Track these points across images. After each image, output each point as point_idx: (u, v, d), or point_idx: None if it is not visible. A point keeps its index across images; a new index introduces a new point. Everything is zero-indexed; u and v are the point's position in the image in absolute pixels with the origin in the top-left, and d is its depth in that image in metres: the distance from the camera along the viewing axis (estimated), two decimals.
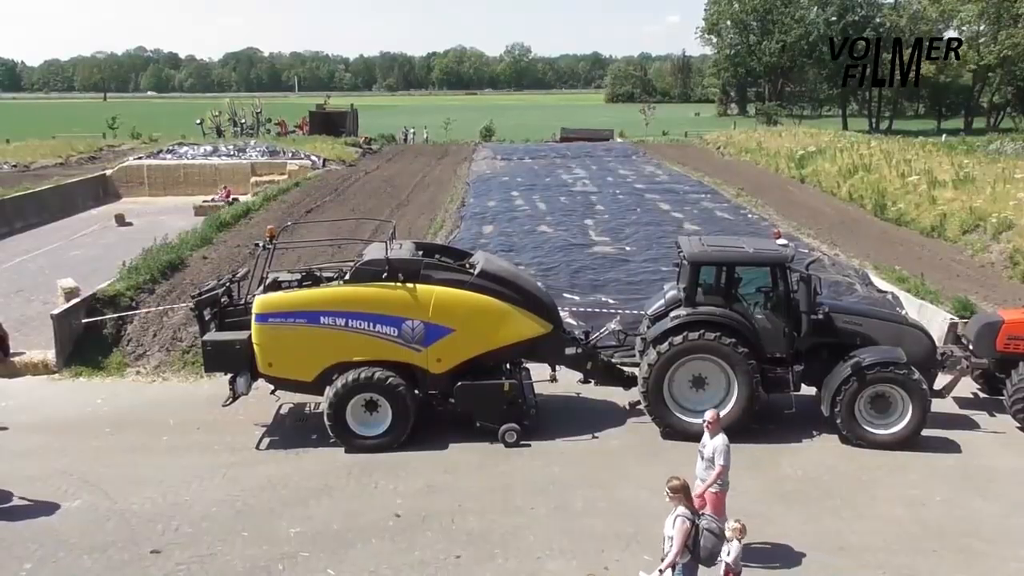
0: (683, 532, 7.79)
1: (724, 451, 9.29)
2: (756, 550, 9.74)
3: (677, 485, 8.03)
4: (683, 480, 8.16)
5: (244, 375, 12.83)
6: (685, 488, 8.09)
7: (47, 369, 15.90)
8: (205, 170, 42.13)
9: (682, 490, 8.03)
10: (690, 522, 7.86)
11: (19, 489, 11.33)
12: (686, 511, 7.92)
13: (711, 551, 7.94)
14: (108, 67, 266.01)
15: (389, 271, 12.41)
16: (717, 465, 9.28)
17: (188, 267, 20.52)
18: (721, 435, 9.44)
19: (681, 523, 7.83)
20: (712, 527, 8.00)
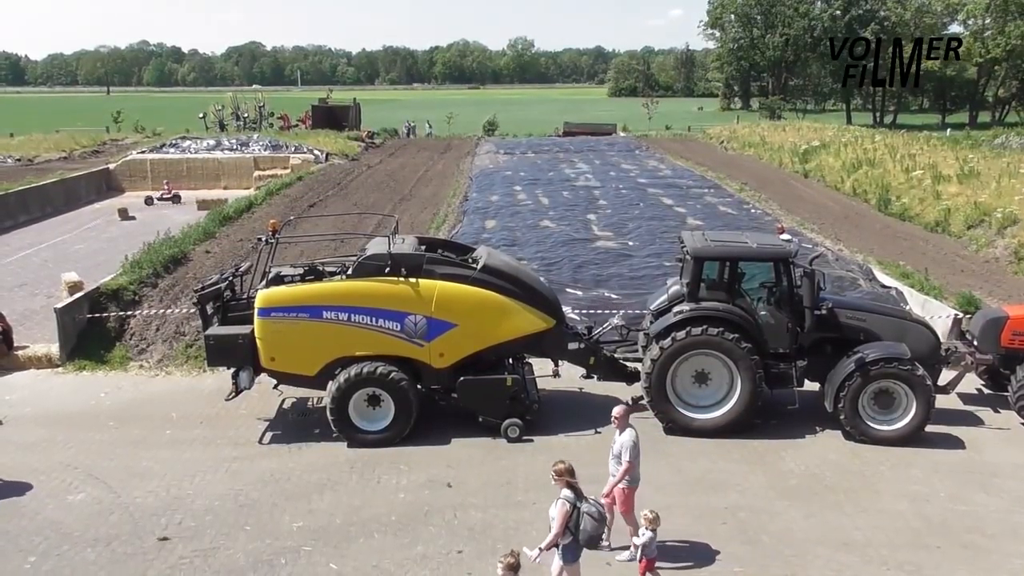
0: (563, 514, 7.96)
1: (630, 447, 9.35)
2: (759, 545, 9.75)
3: (561, 468, 8.22)
4: (568, 464, 8.30)
5: (247, 369, 12.84)
6: (569, 471, 8.22)
7: (51, 363, 15.92)
8: (208, 164, 42.15)
9: (566, 473, 8.18)
10: (571, 505, 8.01)
11: (13, 486, 11.35)
12: (569, 494, 8.06)
13: (591, 534, 8.04)
14: (111, 61, 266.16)
15: (392, 266, 12.40)
16: (624, 462, 9.33)
17: (191, 261, 20.54)
18: (629, 431, 9.48)
19: (561, 505, 8.00)
20: (592, 511, 8.07)
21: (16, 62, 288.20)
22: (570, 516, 7.98)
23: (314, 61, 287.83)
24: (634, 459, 9.37)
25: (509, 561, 7.39)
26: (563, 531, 7.95)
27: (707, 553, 9.65)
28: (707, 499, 10.88)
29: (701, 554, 9.63)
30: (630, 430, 9.50)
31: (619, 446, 9.43)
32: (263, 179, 38.97)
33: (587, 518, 8.00)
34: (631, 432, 9.48)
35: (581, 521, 7.99)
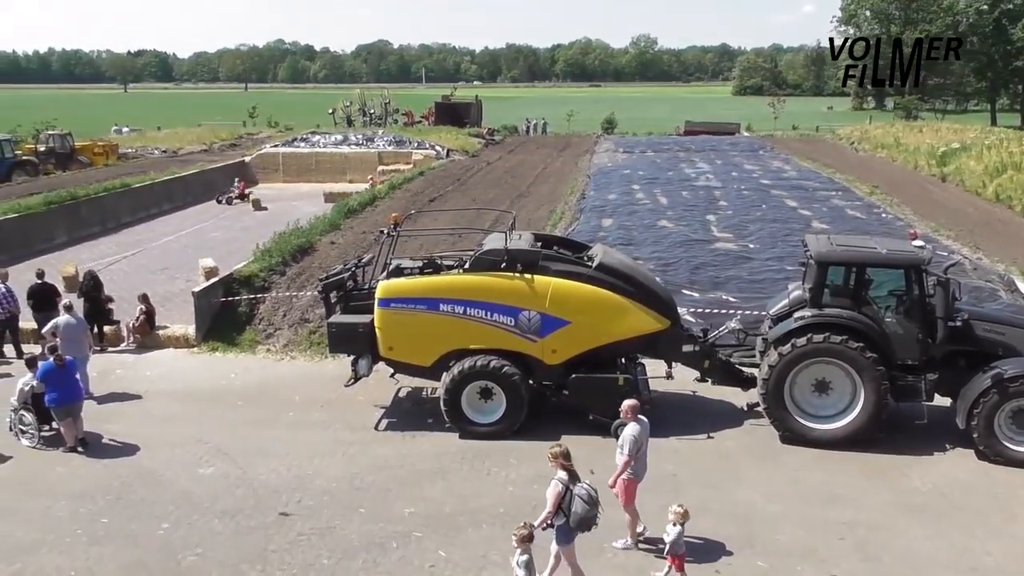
0: (554, 495, 8.28)
1: (630, 440, 9.42)
2: (878, 564, 9.33)
3: (557, 451, 8.57)
4: (564, 447, 8.66)
5: (366, 357, 13.27)
6: (564, 454, 8.53)
7: (187, 343, 16.95)
8: (335, 158, 43.79)
9: (560, 456, 8.50)
10: (563, 486, 8.28)
11: (160, 453, 12.18)
12: (563, 475, 8.35)
13: (582, 516, 8.24)
14: (250, 59, 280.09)
15: (507, 261, 12.53)
16: (624, 454, 9.44)
17: (317, 251, 21.38)
18: (632, 424, 9.53)
19: (553, 486, 8.33)
20: (583, 493, 8.28)
21: (165, 60, 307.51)
22: (562, 497, 8.26)
23: (438, 59, 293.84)
24: (633, 453, 9.44)
25: (523, 533, 7.89)
26: (555, 511, 8.26)
27: (821, 568, 9.30)
28: (823, 512, 10.49)
29: (816, 568, 9.30)
30: (634, 424, 9.55)
31: (621, 438, 9.57)
32: (386, 173, 40.11)
33: (578, 500, 8.25)
34: (635, 426, 9.53)
35: (573, 503, 8.24)
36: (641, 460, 9.62)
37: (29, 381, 12.72)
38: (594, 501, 8.36)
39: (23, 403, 12.72)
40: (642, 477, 9.68)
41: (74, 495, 11.03)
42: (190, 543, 9.86)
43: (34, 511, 10.64)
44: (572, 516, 8.26)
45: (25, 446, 12.62)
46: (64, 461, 12.07)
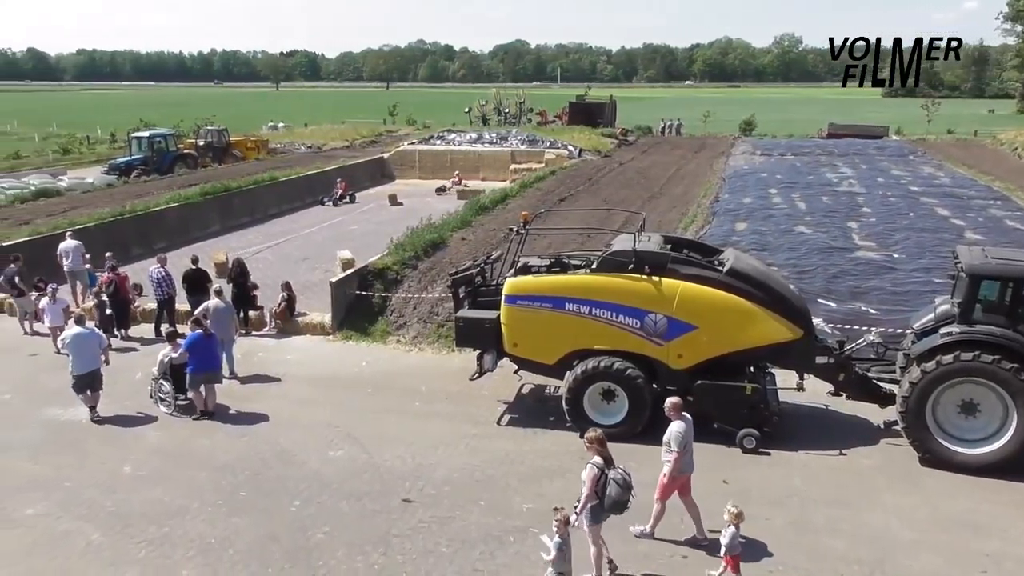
0: (592, 478, 8.63)
1: (677, 437, 9.52)
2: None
3: (593, 437, 8.92)
4: (600, 433, 9.03)
5: (491, 352, 13.48)
6: (600, 440, 8.88)
7: (323, 330, 17.73)
8: (469, 156, 44.63)
9: (597, 441, 8.85)
10: (599, 470, 8.65)
11: (295, 434, 12.82)
12: (598, 459, 8.72)
13: (615, 500, 8.63)
14: (392, 59, 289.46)
15: (636, 263, 12.41)
16: (672, 451, 9.53)
17: (448, 247, 21.87)
18: (678, 421, 9.62)
19: (590, 470, 8.67)
20: (618, 478, 8.67)
21: (314, 60, 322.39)
22: (599, 480, 8.64)
23: (574, 59, 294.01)
24: (680, 449, 9.54)
25: (565, 515, 8.32)
26: (592, 494, 8.61)
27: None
28: (965, 541, 9.83)
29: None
30: (679, 422, 9.64)
31: (667, 435, 9.67)
32: (518, 172, 40.54)
33: (613, 484, 8.64)
34: (679, 423, 9.62)
35: (608, 486, 8.63)
36: (687, 457, 9.71)
37: (169, 353, 13.91)
38: (627, 486, 8.74)
39: (163, 373, 13.97)
40: (688, 473, 9.77)
41: (217, 467, 11.78)
42: (319, 521, 10.33)
43: (181, 480, 11.43)
44: (606, 499, 8.66)
45: (163, 412, 13.77)
46: (209, 435, 12.91)
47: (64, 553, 9.72)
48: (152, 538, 10.00)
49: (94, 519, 10.45)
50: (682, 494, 9.87)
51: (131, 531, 10.16)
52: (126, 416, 13.70)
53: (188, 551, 9.73)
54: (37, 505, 10.80)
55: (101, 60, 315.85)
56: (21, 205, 29.57)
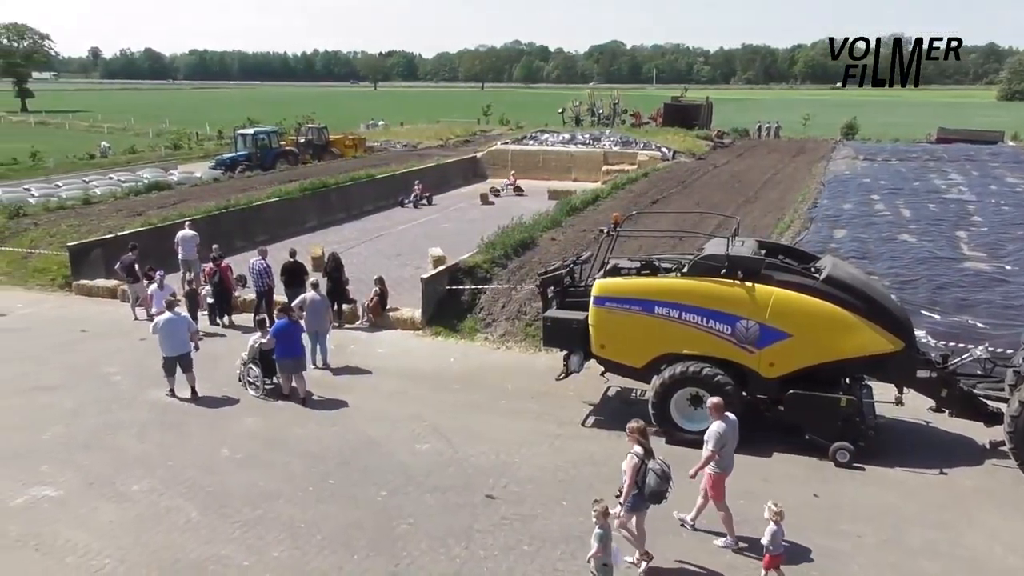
0: (631, 467, 8.93)
1: (714, 437, 9.69)
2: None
3: (635, 427, 9.12)
4: (642, 424, 9.18)
5: (578, 353, 13.44)
6: (641, 430, 9.10)
7: (413, 325, 18.06)
8: (561, 157, 44.63)
9: (638, 431, 9.07)
10: (638, 459, 8.92)
11: (383, 426, 13.10)
12: (639, 449, 8.98)
13: (654, 489, 8.87)
14: (487, 59, 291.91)
15: (728, 267, 12.18)
16: (707, 449, 9.69)
17: (538, 247, 21.94)
18: (718, 421, 9.78)
19: (631, 459, 8.97)
20: (657, 468, 8.92)
21: (411, 60, 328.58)
22: (638, 470, 8.91)
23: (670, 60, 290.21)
24: (717, 448, 9.66)
25: (605, 506, 8.44)
26: (633, 483, 8.89)
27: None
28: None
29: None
30: (719, 421, 9.79)
31: (707, 434, 9.82)
32: (610, 173, 40.31)
33: (652, 474, 8.89)
34: (720, 423, 9.78)
35: (647, 476, 8.88)
36: (728, 456, 9.84)
37: (258, 339, 14.55)
38: (666, 476, 8.96)
39: (252, 358, 14.64)
40: (728, 472, 9.88)
41: (308, 455, 12.16)
42: (404, 512, 10.53)
43: (275, 465, 11.85)
44: (645, 488, 8.92)
45: (251, 395, 14.42)
46: (302, 423, 13.34)
47: (166, 528, 10.22)
48: (246, 519, 10.40)
49: (193, 497, 10.94)
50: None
51: (227, 511, 10.60)
52: (224, 400, 14.30)
53: (279, 534, 10.08)
54: (142, 481, 11.38)
55: (211, 60, 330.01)
56: (135, 197, 31.19)
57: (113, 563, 9.48)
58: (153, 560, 9.53)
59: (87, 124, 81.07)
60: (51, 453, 12.28)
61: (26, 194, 32.50)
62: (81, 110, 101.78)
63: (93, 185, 35.28)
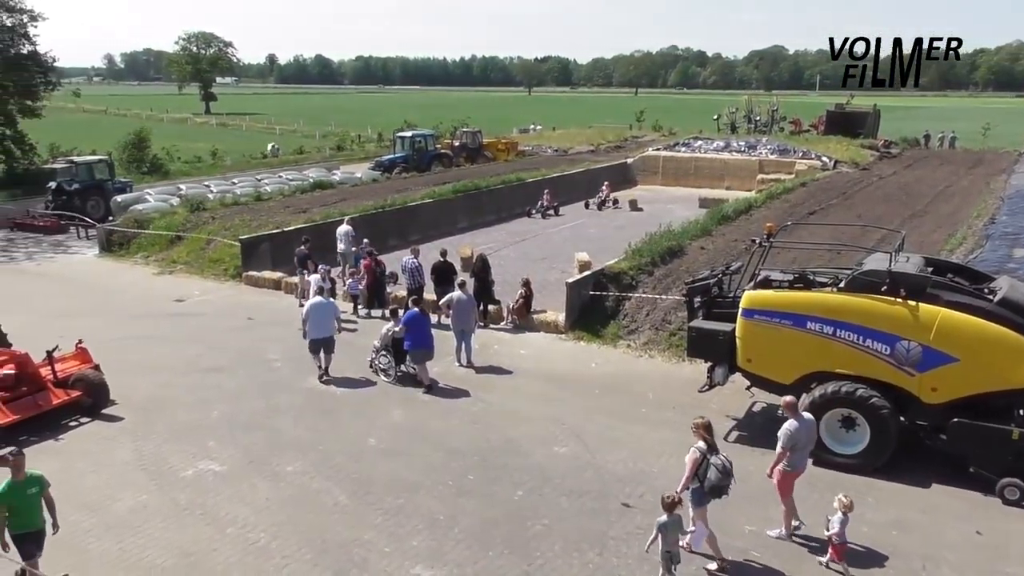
0: (691, 461, 9.21)
1: (785, 435, 9.78)
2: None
3: (699, 423, 9.40)
4: (707, 420, 9.48)
5: (723, 366, 13.12)
6: (706, 426, 9.36)
7: (557, 328, 18.18)
8: (715, 164, 43.59)
9: (703, 427, 9.33)
10: (700, 454, 9.17)
11: (522, 426, 13.29)
12: (701, 444, 9.22)
13: (715, 483, 9.09)
14: (642, 64, 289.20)
15: (890, 284, 11.52)
16: (779, 447, 9.79)
17: (686, 255, 21.55)
18: (790, 420, 9.87)
19: (692, 453, 9.25)
20: (718, 464, 9.11)
21: (566, 65, 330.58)
22: (699, 464, 9.14)
23: (836, 65, 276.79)
24: (788, 446, 9.75)
25: (672, 497, 8.87)
26: (692, 476, 9.16)
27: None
28: None
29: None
30: (792, 420, 9.85)
31: (780, 432, 9.88)
32: (765, 182, 39.01)
33: (713, 469, 9.10)
34: (792, 422, 9.84)
35: (708, 471, 9.09)
36: (800, 455, 9.92)
37: (391, 328, 15.38)
38: (727, 472, 9.15)
39: (384, 346, 15.47)
40: (799, 471, 9.97)
41: (449, 449, 12.50)
42: (539, 513, 10.64)
43: (417, 457, 12.27)
44: (706, 482, 9.13)
45: (383, 381, 15.29)
46: (444, 419, 13.73)
47: (315, 509, 10.80)
48: (388, 507, 10.82)
49: (341, 482, 11.50)
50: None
51: (371, 498, 11.07)
52: (374, 393, 14.95)
53: (419, 524, 10.42)
54: (296, 463, 12.08)
55: (375, 65, 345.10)
56: (301, 195, 33.11)
57: (267, 538, 10.12)
58: (303, 538, 10.09)
59: (262, 126, 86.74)
60: (217, 430, 13.26)
61: (206, 190, 35.15)
62: (257, 112, 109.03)
63: (264, 183, 37.72)
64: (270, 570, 9.47)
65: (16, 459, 8.52)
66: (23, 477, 8.58)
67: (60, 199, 32.55)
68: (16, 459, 8.52)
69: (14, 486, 8.50)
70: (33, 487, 8.65)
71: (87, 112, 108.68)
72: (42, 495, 8.77)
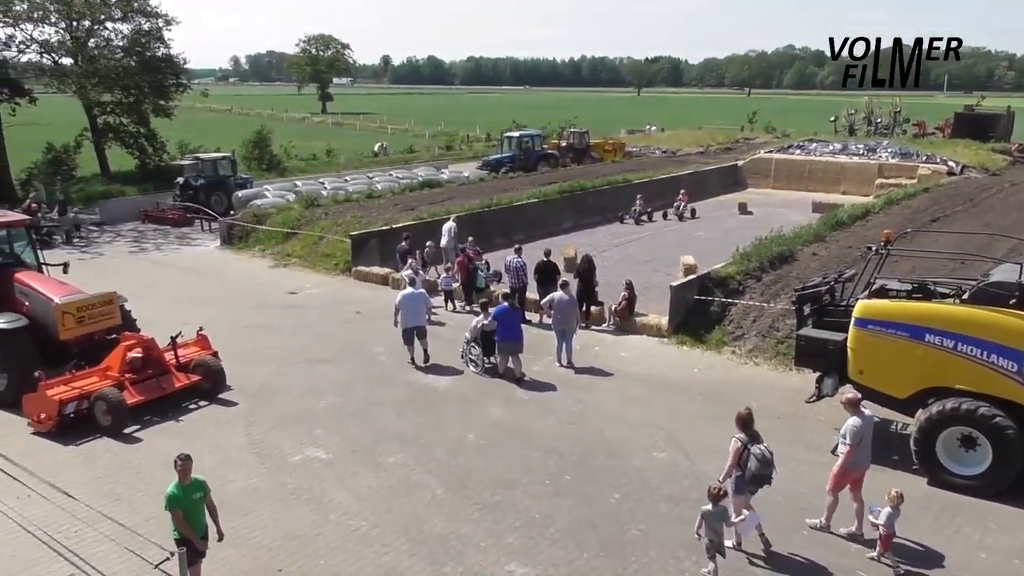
0: (733, 451, 9.47)
1: (852, 431, 9.82)
2: None
3: (740, 416, 9.65)
4: (748, 412, 9.69)
5: (832, 376, 12.64)
6: (743, 420, 9.61)
7: (659, 332, 17.95)
8: (830, 167, 42.02)
9: (741, 420, 9.61)
10: (741, 444, 9.43)
11: (621, 429, 13.19)
12: (742, 435, 9.49)
13: (755, 473, 9.35)
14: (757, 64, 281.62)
15: (1019, 297, 10.83)
16: (846, 444, 9.84)
17: (796, 261, 20.88)
18: (855, 416, 9.88)
19: (733, 443, 9.51)
20: (759, 453, 9.35)
21: (677, 65, 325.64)
22: (740, 454, 9.40)
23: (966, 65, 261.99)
24: (854, 443, 9.79)
25: (719, 490, 9.16)
26: (735, 465, 9.41)
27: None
28: None
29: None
30: (855, 417, 9.88)
31: (843, 428, 9.96)
32: (884, 187, 37.35)
33: (754, 459, 9.33)
34: (856, 419, 9.87)
35: (749, 460, 9.33)
36: (863, 451, 9.94)
37: (481, 320, 15.81)
38: (768, 461, 9.38)
39: (474, 338, 15.95)
40: (861, 468, 10.03)
41: (547, 449, 12.54)
42: (636, 518, 10.53)
43: (515, 455, 12.35)
44: (747, 472, 9.36)
45: (471, 372, 15.77)
46: (543, 417, 13.78)
47: (413, 500, 11.03)
48: (485, 503, 10.94)
49: (440, 476, 11.70)
50: (853, 488, 10.09)
51: (468, 492, 11.22)
52: (475, 389, 15.14)
53: (514, 521, 10.49)
54: (397, 455, 12.37)
55: (486, 66, 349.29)
56: (410, 193, 33.85)
57: (368, 526, 10.41)
58: (402, 528, 10.33)
59: (375, 125, 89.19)
60: (324, 419, 13.73)
61: (320, 187, 36.42)
62: (370, 112, 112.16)
63: (375, 181, 38.75)
64: (370, 557, 9.73)
65: (184, 464, 8.49)
66: (189, 482, 8.53)
67: (187, 193, 34.47)
68: (184, 464, 8.49)
69: (181, 490, 8.47)
70: (197, 492, 8.60)
71: (214, 111, 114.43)
72: (205, 501, 8.71)
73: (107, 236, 31.62)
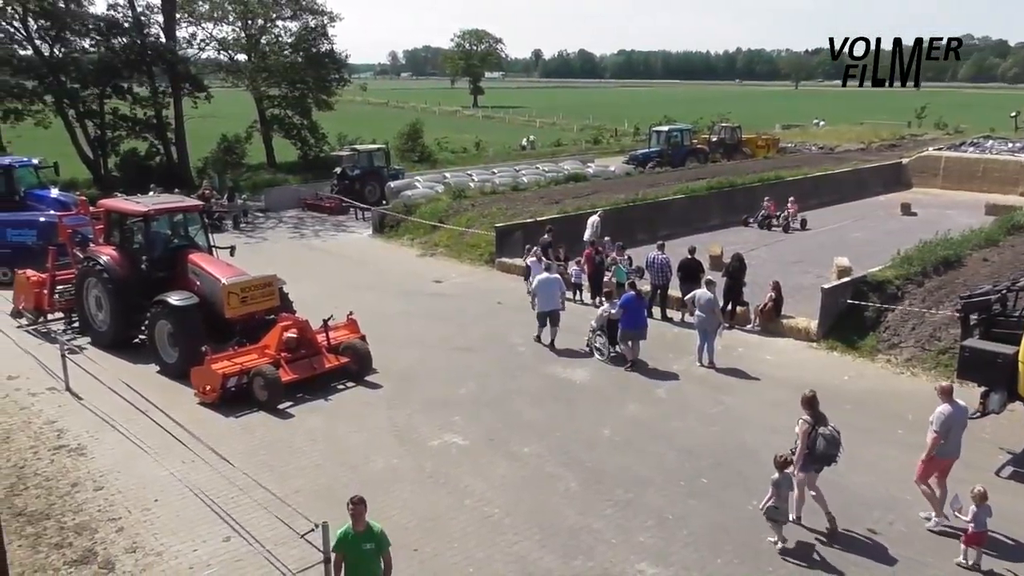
0: (802, 432, 9.79)
1: (939, 418, 9.87)
2: None
3: (805, 397, 9.99)
4: (813, 394, 10.03)
5: (1000, 392, 11.73)
6: (808, 401, 9.94)
7: (807, 336, 17.21)
8: (1008, 167, 38.78)
9: (807, 402, 9.93)
10: (809, 425, 9.77)
11: (760, 434, 12.75)
12: (808, 417, 9.82)
13: (823, 452, 9.70)
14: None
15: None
16: (931, 431, 9.92)
17: (964, 266, 19.42)
18: (945, 404, 9.89)
19: (801, 424, 9.87)
20: (826, 434, 9.71)
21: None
22: (808, 434, 9.73)
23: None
24: (942, 432, 9.84)
25: (783, 457, 9.71)
26: (805, 445, 9.71)
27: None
28: None
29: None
30: (945, 405, 9.91)
31: (932, 416, 9.99)
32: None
33: (821, 439, 9.70)
34: (946, 407, 9.91)
35: (817, 441, 9.68)
36: (953, 441, 9.96)
37: (607, 309, 16.14)
38: (835, 442, 9.74)
39: (600, 326, 16.28)
40: (950, 458, 10.07)
41: (683, 449, 12.32)
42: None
43: (650, 453, 12.21)
44: (815, 451, 9.69)
45: (597, 360, 16.07)
46: (681, 417, 13.54)
47: (547, 492, 11.13)
48: (618, 500, 10.88)
49: (574, 469, 11.74)
50: (940, 477, 10.14)
51: (601, 488, 11.19)
52: (611, 384, 15.07)
53: (646, 520, 10.38)
54: (532, 446, 12.51)
55: (637, 60, 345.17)
56: (555, 187, 34.02)
57: (500, 514, 10.59)
58: (534, 519, 10.44)
59: (524, 119, 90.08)
60: (463, 407, 14.07)
61: (468, 179, 37.22)
62: (520, 106, 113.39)
63: (522, 174, 39.18)
64: (502, 544, 9.90)
65: (355, 508, 7.70)
66: (363, 528, 7.75)
67: (343, 183, 36.13)
68: (355, 508, 7.70)
69: (351, 536, 7.74)
70: (369, 543, 7.75)
71: (371, 105, 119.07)
72: (381, 555, 7.83)
73: (271, 222, 33.65)
